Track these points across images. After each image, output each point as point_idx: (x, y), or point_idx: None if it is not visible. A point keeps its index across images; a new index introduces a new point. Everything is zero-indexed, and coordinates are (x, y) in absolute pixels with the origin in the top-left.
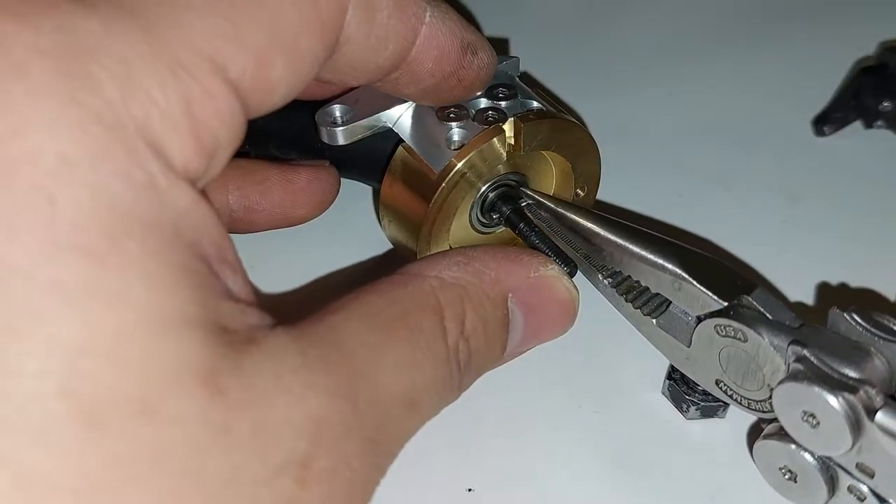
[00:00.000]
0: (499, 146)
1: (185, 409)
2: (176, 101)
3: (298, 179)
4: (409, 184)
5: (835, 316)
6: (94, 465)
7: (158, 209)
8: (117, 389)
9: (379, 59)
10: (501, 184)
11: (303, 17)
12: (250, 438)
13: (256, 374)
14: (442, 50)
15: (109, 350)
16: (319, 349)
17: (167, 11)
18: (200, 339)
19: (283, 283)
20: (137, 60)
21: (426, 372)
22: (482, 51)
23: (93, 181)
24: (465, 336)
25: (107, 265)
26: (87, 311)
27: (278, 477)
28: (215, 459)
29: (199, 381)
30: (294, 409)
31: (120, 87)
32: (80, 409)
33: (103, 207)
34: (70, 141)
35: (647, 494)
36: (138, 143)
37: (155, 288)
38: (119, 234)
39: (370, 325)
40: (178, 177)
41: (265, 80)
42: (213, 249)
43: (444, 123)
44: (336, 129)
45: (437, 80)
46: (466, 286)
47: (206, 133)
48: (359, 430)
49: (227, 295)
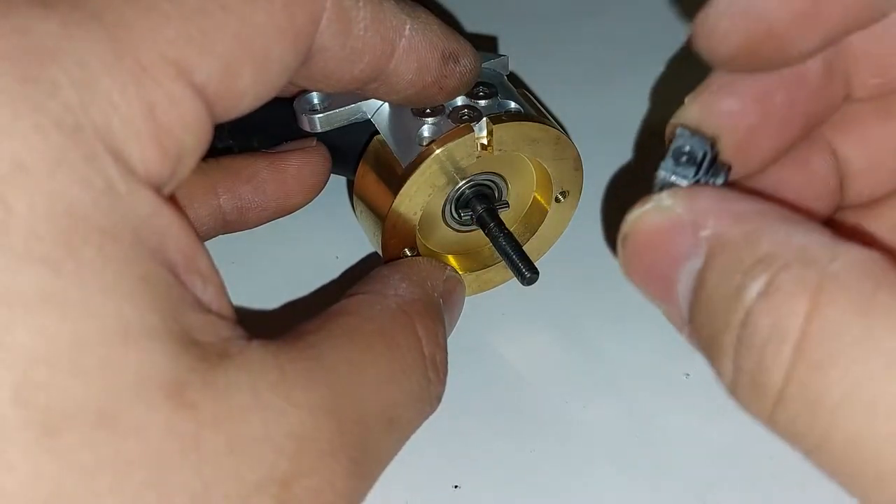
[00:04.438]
0: (468, 145)
1: (148, 420)
2: (138, 105)
3: (289, 167)
4: (380, 175)
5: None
6: (51, 475)
7: (118, 216)
8: (74, 399)
9: (354, 70)
10: (477, 183)
11: (274, 25)
12: (224, 455)
13: (231, 389)
14: (422, 62)
15: (65, 359)
16: (299, 364)
17: (132, 15)
18: (164, 350)
19: (265, 283)
20: (98, 64)
21: (404, 387)
22: (464, 57)
23: (49, 188)
24: (439, 346)
25: (63, 273)
26: (43, 320)
27: (256, 495)
28: (183, 474)
29: (164, 392)
30: (273, 426)
31: (79, 90)
32: (35, 418)
33: (60, 214)
34: (26, 146)
35: (637, 492)
36: (97, 148)
37: (114, 297)
38: (76, 242)
39: (350, 341)
40: (140, 183)
41: (232, 86)
42: (179, 258)
43: (418, 118)
44: (315, 117)
45: (418, 90)
46: (422, 298)
47: (169, 138)
48: (343, 449)
49: (197, 306)
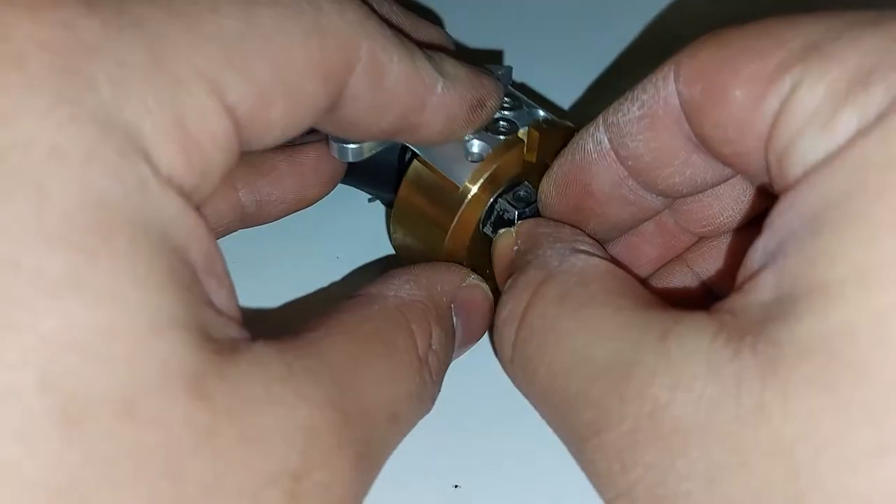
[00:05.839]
0: (518, 156)
1: (169, 411)
2: (169, 113)
3: (307, 160)
4: (428, 198)
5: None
6: (72, 463)
7: (148, 211)
8: (100, 387)
9: (382, 122)
10: (510, 187)
11: (310, 63)
12: (237, 446)
13: (243, 383)
14: (451, 115)
15: (93, 346)
16: (304, 361)
17: (173, 29)
18: (187, 342)
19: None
20: (136, 67)
21: (404, 385)
22: (490, 100)
23: (83, 176)
24: (433, 348)
25: (95, 260)
26: (73, 305)
27: (267, 488)
28: (198, 464)
29: (185, 384)
30: (284, 419)
31: (115, 89)
32: (59, 404)
33: (93, 203)
34: (62, 134)
35: None
36: (129, 146)
37: (143, 287)
38: (108, 231)
39: (350, 339)
40: (167, 184)
41: (263, 114)
42: (201, 259)
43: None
44: (347, 147)
45: (445, 137)
46: (424, 301)
47: (196, 150)
48: (350, 443)
49: (212, 306)
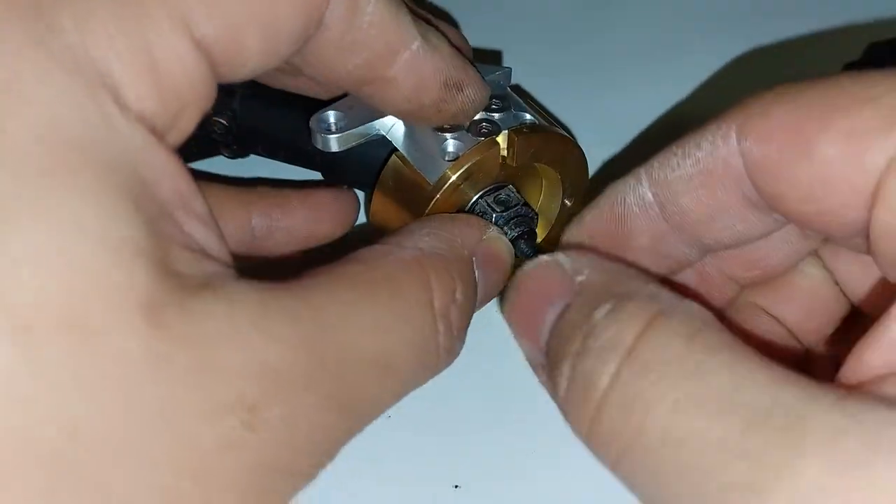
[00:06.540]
0: (494, 158)
1: (120, 331)
2: (137, 49)
3: (320, 199)
4: (402, 193)
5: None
6: (21, 373)
7: (113, 146)
8: (49, 300)
9: (348, 63)
10: (490, 190)
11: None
12: (193, 374)
13: (206, 316)
14: (422, 81)
15: (46, 262)
16: (284, 301)
17: None
18: (148, 271)
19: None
20: (102, 8)
21: (405, 336)
22: (469, 87)
23: (44, 112)
24: (456, 302)
25: (54, 185)
26: (30, 225)
27: (223, 416)
28: (151, 388)
29: (140, 308)
30: (246, 354)
31: (80, 28)
32: (10, 315)
33: (55, 138)
34: (25, 73)
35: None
36: (95, 82)
37: (104, 212)
38: (69, 163)
39: (348, 285)
40: (135, 119)
41: (237, 46)
42: (173, 196)
43: (439, 134)
44: (330, 137)
45: (414, 108)
46: (445, 254)
47: (167, 84)
48: (321, 385)
49: (185, 242)
